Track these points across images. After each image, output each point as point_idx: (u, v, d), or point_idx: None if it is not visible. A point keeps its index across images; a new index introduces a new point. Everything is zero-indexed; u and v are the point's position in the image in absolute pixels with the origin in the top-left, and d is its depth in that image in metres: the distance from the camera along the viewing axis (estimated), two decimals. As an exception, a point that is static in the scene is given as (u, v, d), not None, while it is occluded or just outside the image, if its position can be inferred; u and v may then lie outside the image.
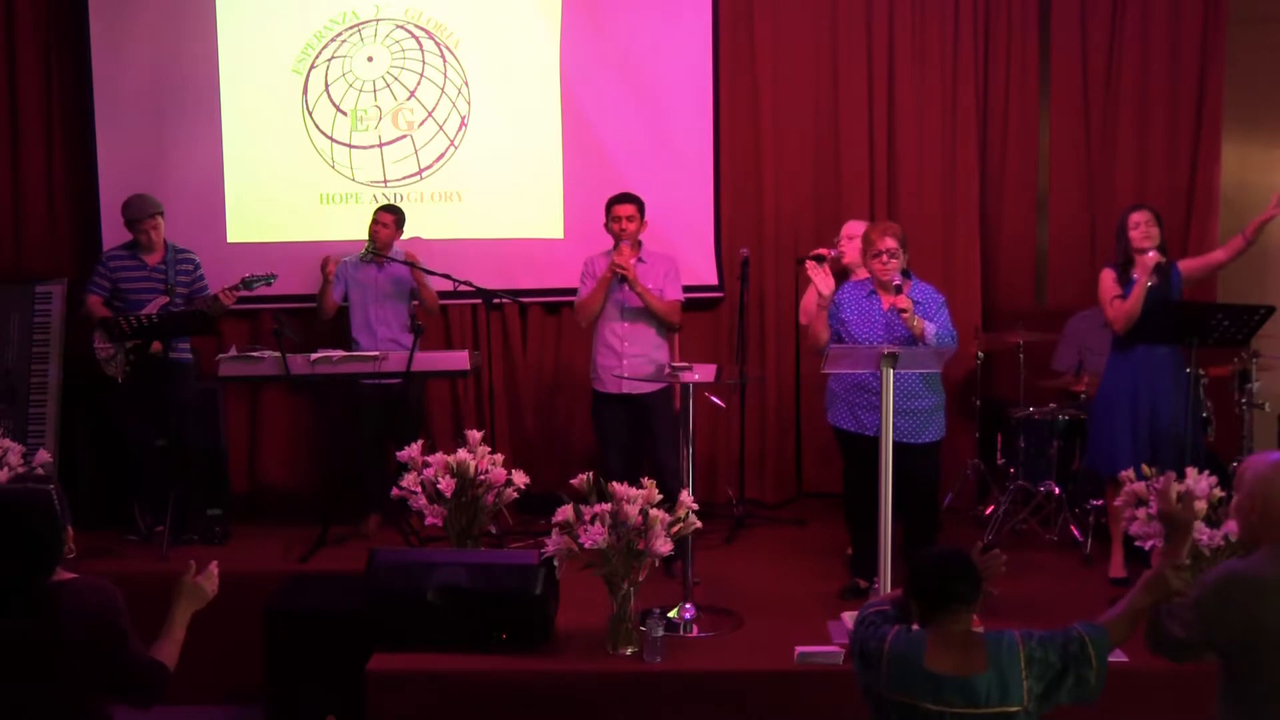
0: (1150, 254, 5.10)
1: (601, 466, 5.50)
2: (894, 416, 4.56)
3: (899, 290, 4.86)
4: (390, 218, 6.12)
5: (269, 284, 5.75)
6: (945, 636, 2.85)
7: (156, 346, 5.75)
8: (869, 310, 4.99)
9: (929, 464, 5.01)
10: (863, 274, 5.23)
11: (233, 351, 5.77)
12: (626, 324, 5.62)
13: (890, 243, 4.93)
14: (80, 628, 2.94)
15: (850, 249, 5.51)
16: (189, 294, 5.91)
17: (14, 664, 2.90)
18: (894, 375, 4.51)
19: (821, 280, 4.91)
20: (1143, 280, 5.08)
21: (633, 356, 5.58)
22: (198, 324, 5.71)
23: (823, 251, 5.40)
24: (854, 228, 5.64)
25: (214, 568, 3.34)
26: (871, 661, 2.89)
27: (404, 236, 6.22)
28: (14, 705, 2.91)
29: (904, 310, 4.81)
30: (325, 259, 5.99)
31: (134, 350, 5.73)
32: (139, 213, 5.87)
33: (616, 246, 5.54)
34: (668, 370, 5.22)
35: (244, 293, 5.73)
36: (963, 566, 2.91)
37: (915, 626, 2.94)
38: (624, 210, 5.56)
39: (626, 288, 5.54)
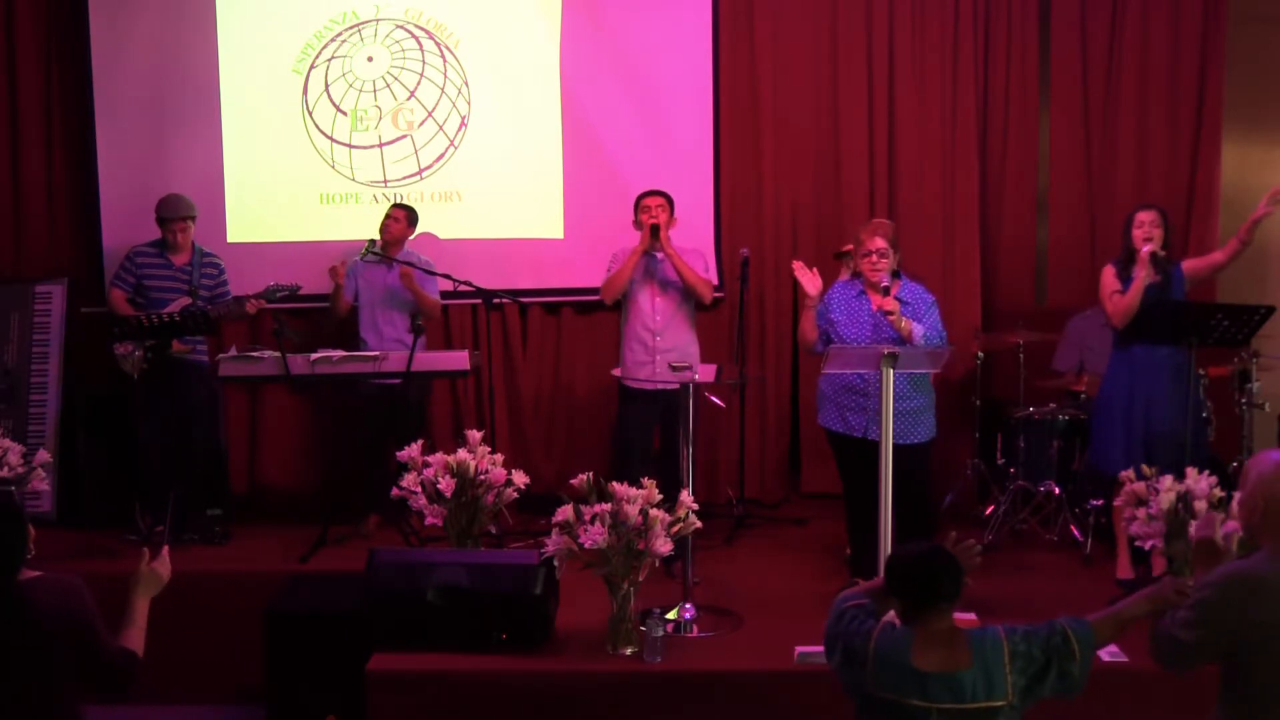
0: (1145, 247, 5.10)
1: (622, 464, 5.51)
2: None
3: (887, 291, 4.86)
4: (401, 214, 6.15)
5: (293, 295, 5.77)
6: (930, 634, 2.86)
7: (178, 346, 5.76)
8: (858, 310, 4.99)
9: (920, 464, 4.99)
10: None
11: (233, 351, 5.78)
12: (660, 317, 5.65)
13: (879, 243, 4.93)
14: (52, 625, 2.96)
15: None
16: (211, 296, 5.93)
17: None
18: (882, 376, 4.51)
19: (808, 281, 4.91)
20: (1141, 275, 5.09)
21: (665, 352, 5.62)
22: (199, 324, 5.71)
23: (850, 249, 5.41)
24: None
25: (165, 552, 3.38)
26: (856, 659, 2.89)
27: (412, 236, 6.23)
28: None
29: (890, 313, 4.80)
30: (333, 267, 6.02)
31: (151, 349, 5.73)
32: (170, 213, 5.91)
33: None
34: (668, 370, 5.22)
35: (266, 305, 5.77)
36: (945, 564, 2.91)
37: (895, 621, 2.95)
38: (652, 201, 5.70)
39: (660, 267, 5.60)
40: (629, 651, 4.29)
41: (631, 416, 5.72)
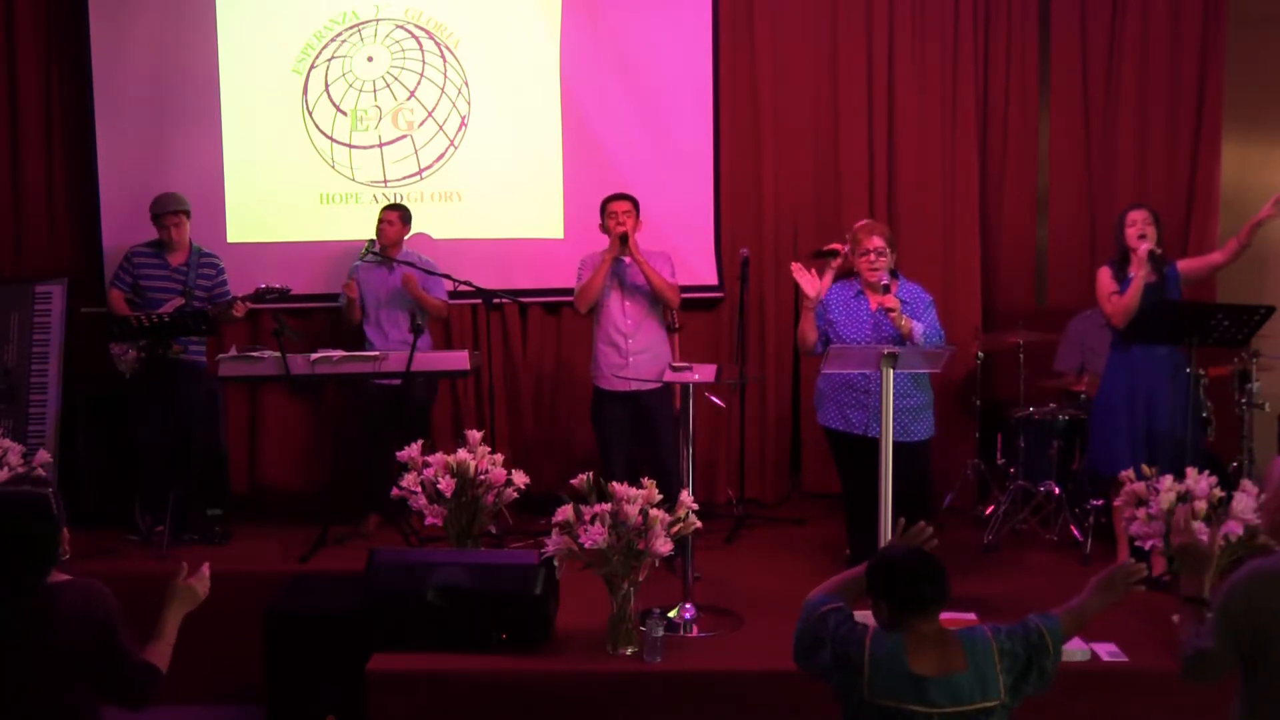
0: (1142, 245, 5.11)
1: (603, 466, 5.51)
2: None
3: (886, 290, 4.86)
4: (395, 215, 6.13)
5: (283, 297, 5.78)
6: (920, 637, 2.85)
7: (175, 347, 5.77)
8: (856, 310, 5.00)
9: (919, 462, 5.00)
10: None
11: (233, 351, 5.78)
12: (630, 320, 5.66)
13: (877, 242, 4.94)
14: (74, 629, 2.94)
15: None
16: (209, 297, 5.92)
17: (7, 664, 2.90)
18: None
19: (807, 283, 4.91)
20: (1140, 274, 5.09)
21: (637, 354, 5.64)
22: (200, 324, 5.71)
23: (835, 247, 5.41)
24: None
25: (205, 569, 3.34)
26: (850, 666, 2.86)
27: (408, 235, 6.23)
28: (6, 705, 2.91)
29: (891, 310, 4.81)
30: (347, 285, 6.04)
31: (144, 349, 5.74)
32: (162, 208, 5.91)
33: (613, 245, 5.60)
34: (669, 371, 5.23)
35: (255, 305, 5.77)
36: (935, 568, 2.91)
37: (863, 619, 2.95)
38: (619, 206, 5.64)
39: (627, 272, 5.61)
40: (629, 651, 4.28)
41: (607, 418, 5.74)
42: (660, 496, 4.22)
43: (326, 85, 6.67)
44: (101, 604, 3.00)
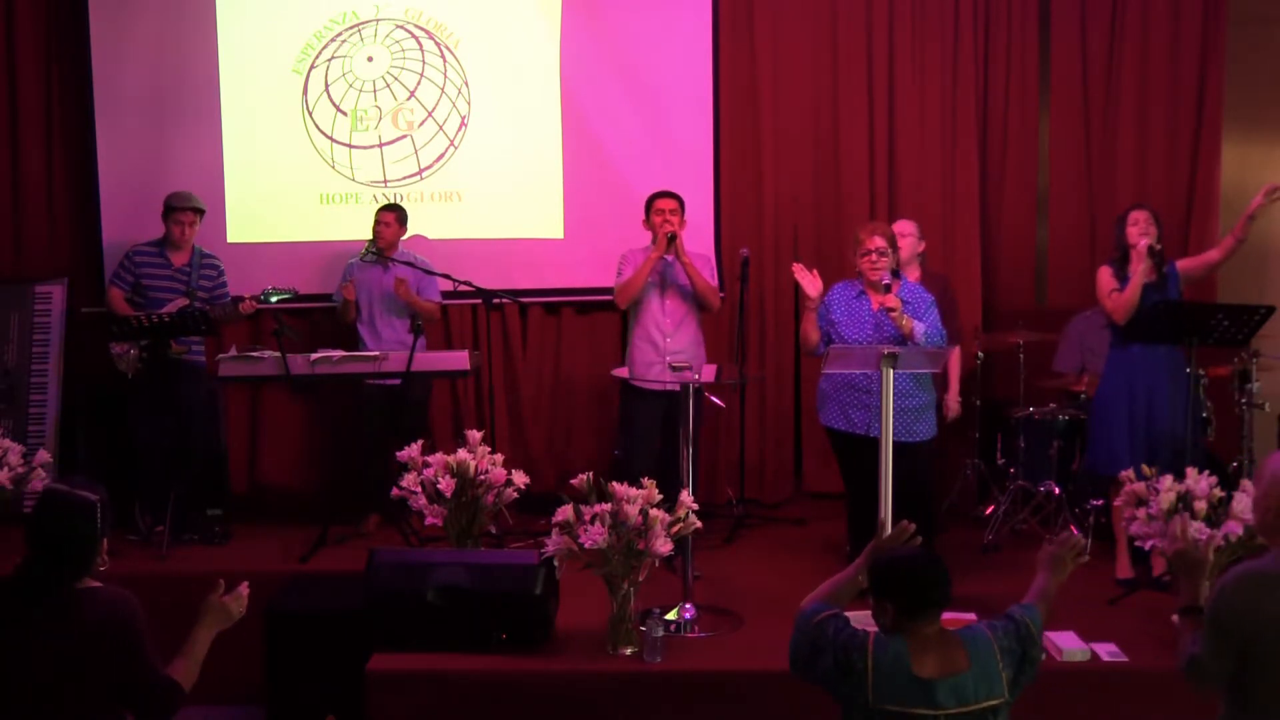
0: (1142, 240, 5.11)
1: (627, 463, 5.51)
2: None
3: (888, 290, 4.87)
4: (391, 216, 6.13)
5: (289, 298, 5.79)
6: (922, 640, 2.85)
7: (176, 347, 5.76)
8: (858, 310, 5.00)
9: (922, 462, 5.00)
10: (912, 274, 5.27)
11: (233, 351, 5.78)
12: (670, 319, 5.69)
13: (879, 242, 4.95)
14: (98, 636, 2.91)
15: (901, 246, 5.46)
16: (209, 298, 5.92)
17: (30, 666, 2.89)
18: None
19: (808, 283, 4.92)
20: (1139, 268, 5.10)
21: (675, 353, 5.66)
22: (200, 324, 5.71)
23: None
24: (902, 226, 5.67)
25: (243, 589, 3.27)
26: (854, 672, 2.84)
27: (405, 236, 6.24)
28: (27, 706, 2.90)
29: (892, 310, 4.81)
30: (344, 286, 6.06)
31: (146, 349, 5.74)
32: (180, 202, 5.92)
33: (655, 242, 5.60)
34: (668, 371, 5.23)
35: (260, 305, 5.78)
36: (941, 570, 2.91)
37: (860, 624, 2.95)
38: (666, 204, 5.66)
39: (670, 270, 5.65)
40: (629, 651, 4.28)
41: (639, 415, 5.74)
42: (660, 496, 4.22)
43: (326, 85, 6.67)
44: (127, 614, 2.96)
